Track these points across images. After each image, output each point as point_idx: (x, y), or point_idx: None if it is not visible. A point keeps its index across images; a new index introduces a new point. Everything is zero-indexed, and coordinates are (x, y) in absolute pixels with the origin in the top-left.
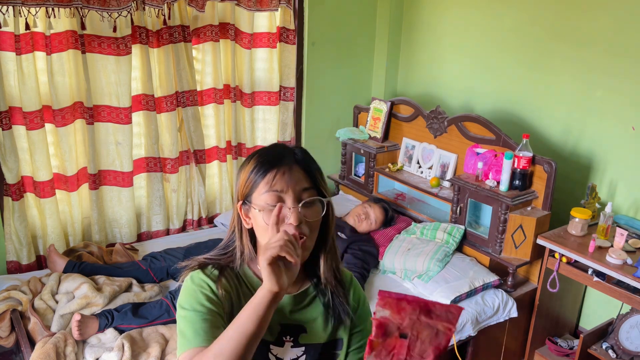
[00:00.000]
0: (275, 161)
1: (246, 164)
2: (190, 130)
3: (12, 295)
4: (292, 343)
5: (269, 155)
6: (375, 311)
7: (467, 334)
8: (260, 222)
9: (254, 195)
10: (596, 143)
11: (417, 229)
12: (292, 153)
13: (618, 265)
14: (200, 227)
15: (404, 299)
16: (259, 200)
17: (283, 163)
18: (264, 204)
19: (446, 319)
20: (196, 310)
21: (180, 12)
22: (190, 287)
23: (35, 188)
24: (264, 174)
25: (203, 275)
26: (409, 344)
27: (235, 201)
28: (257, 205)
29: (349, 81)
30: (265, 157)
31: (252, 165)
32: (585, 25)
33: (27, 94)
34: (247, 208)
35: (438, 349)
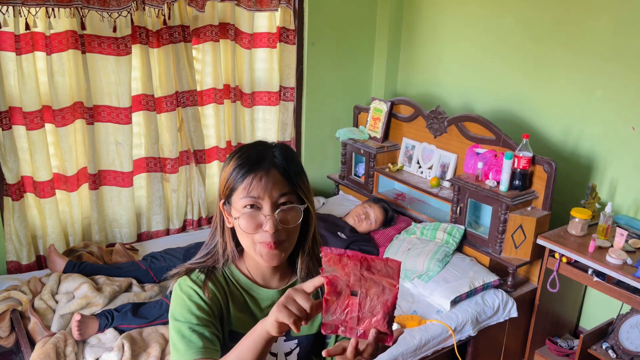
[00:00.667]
0: (253, 165)
1: (227, 162)
2: (190, 130)
3: (12, 295)
4: (285, 337)
5: (249, 158)
6: (322, 268)
7: (467, 334)
8: (238, 224)
9: (233, 197)
10: (596, 143)
11: (417, 229)
12: (271, 155)
13: (618, 265)
14: (200, 227)
15: (344, 254)
16: (237, 204)
17: (261, 167)
18: (241, 208)
19: (387, 274)
20: (186, 321)
21: (180, 12)
22: (178, 296)
23: (35, 188)
24: (242, 179)
25: (189, 282)
26: (360, 301)
27: (217, 199)
28: (236, 210)
29: (349, 81)
30: (245, 160)
31: (231, 167)
32: (586, 26)
33: (27, 94)
34: (228, 208)
35: (386, 306)
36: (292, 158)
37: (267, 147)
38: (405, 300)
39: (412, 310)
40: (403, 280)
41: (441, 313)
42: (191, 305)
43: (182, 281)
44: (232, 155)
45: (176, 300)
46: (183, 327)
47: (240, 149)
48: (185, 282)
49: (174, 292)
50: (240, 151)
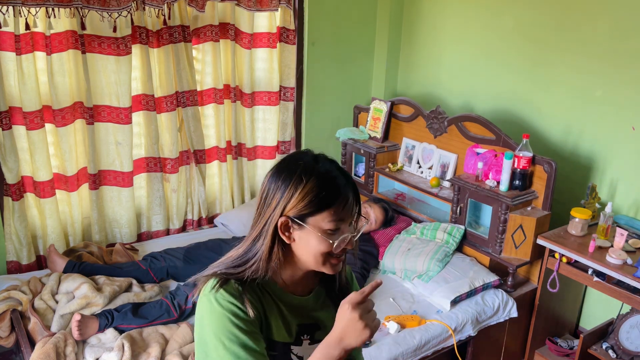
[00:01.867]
0: (339, 191)
1: (299, 181)
2: (190, 130)
3: (12, 295)
4: (310, 341)
5: (333, 182)
6: None
7: (467, 334)
8: (313, 244)
9: (314, 218)
10: (596, 143)
11: (417, 229)
12: (349, 178)
13: (618, 265)
14: (200, 227)
15: None
16: (321, 224)
17: (347, 192)
18: (324, 229)
19: None
20: (238, 341)
21: (181, 12)
22: (219, 313)
23: (35, 188)
24: (332, 203)
25: (228, 296)
26: None
27: (272, 213)
28: (317, 229)
29: (349, 81)
30: (331, 183)
31: (314, 188)
32: (585, 26)
33: (27, 94)
34: (295, 226)
35: None
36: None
37: (343, 171)
38: (405, 300)
39: (412, 310)
40: (403, 280)
41: (441, 313)
42: (239, 323)
43: (220, 296)
44: (305, 174)
45: (218, 318)
46: (235, 348)
47: (315, 171)
48: (223, 297)
49: (209, 304)
50: (316, 173)
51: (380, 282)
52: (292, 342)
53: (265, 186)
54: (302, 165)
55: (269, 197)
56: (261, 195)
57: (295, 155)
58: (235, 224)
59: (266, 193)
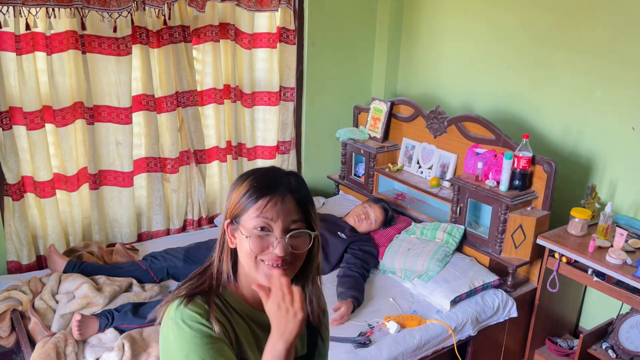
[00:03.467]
0: (269, 188)
1: (239, 183)
2: (191, 131)
3: (12, 295)
4: None
5: (264, 181)
6: None
7: (467, 334)
8: (244, 246)
9: (243, 217)
10: (596, 143)
11: (417, 229)
12: (287, 181)
13: (618, 265)
14: (201, 227)
15: None
16: (247, 223)
17: (277, 191)
18: (251, 228)
19: None
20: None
21: (181, 12)
22: (188, 335)
23: (35, 188)
24: (256, 200)
25: (195, 315)
26: None
27: (223, 219)
28: (245, 229)
29: (349, 81)
30: (260, 182)
31: (245, 188)
32: (585, 26)
33: (28, 94)
34: (234, 228)
35: None
36: (305, 187)
37: (281, 173)
38: (405, 300)
39: (412, 310)
40: (403, 280)
41: (441, 313)
42: (209, 342)
43: (186, 316)
44: (244, 177)
45: (187, 340)
46: None
47: (254, 172)
48: (190, 317)
49: (177, 330)
50: (254, 174)
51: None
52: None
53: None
54: (252, 170)
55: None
56: None
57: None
58: None
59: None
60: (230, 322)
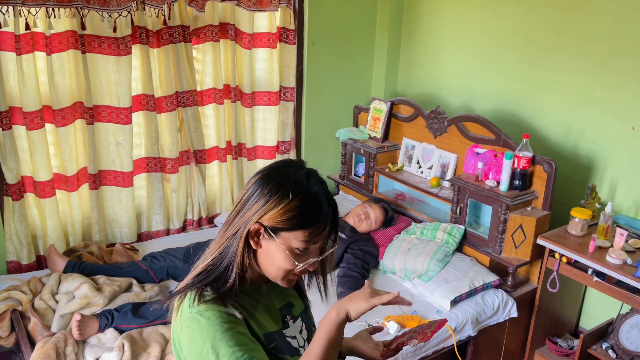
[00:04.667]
0: (322, 216)
1: (284, 196)
2: (190, 131)
3: (12, 295)
4: (292, 320)
5: (317, 206)
6: None
7: (467, 334)
8: (278, 259)
9: (285, 234)
10: (596, 143)
11: (417, 229)
12: (334, 206)
13: (618, 265)
14: (201, 227)
15: None
16: (290, 241)
17: (326, 219)
18: (294, 247)
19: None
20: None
21: (181, 12)
22: (209, 326)
23: (35, 188)
24: (308, 226)
25: (211, 306)
26: None
27: (250, 217)
28: (286, 246)
29: (349, 81)
30: (314, 207)
31: (297, 208)
32: (585, 26)
33: (27, 94)
34: (266, 236)
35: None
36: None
37: (331, 197)
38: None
39: (412, 310)
40: (403, 280)
41: (441, 313)
42: (231, 327)
43: (202, 309)
44: (288, 188)
45: (209, 331)
46: (237, 351)
47: (303, 189)
48: (207, 308)
49: (197, 325)
50: (304, 192)
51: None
52: (282, 328)
53: (250, 189)
54: (293, 181)
55: (251, 201)
56: (243, 195)
57: (289, 166)
58: None
59: (249, 196)
60: (243, 305)
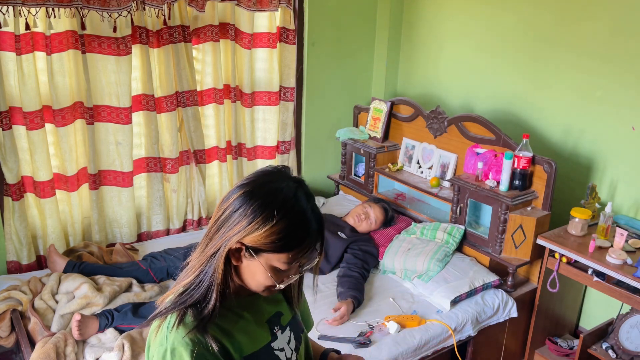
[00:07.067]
0: (307, 238)
1: (267, 218)
2: (190, 130)
3: (12, 295)
4: (281, 330)
5: (303, 227)
6: None
7: (467, 334)
8: (258, 277)
9: (268, 255)
10: (596, 143)
11: (417, 229)
12: (320, 222)
13: (618, 265)
14: (201, 227)
15: None
16: (273, 262)
17: (312, 241)
18: (275, 267)
19: None
20: None
21: (181, 12)
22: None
23: (35, 188)
24: (292, 248)
25: (188, 340)
26: None
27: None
28: (267, 265)
29: (349, 81)
30: (299, 229)
31: (282, 231)
32: (585, 26)
33: (27, 94)
34: (247, 254)
35: None
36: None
37: (320, 217)
38: (405, 300)
39: (412, 310)
40: (403, 280)
41: (441, 313)
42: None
43: (177, 344)
44: (271, 208)
45: None
46: None
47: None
48: (180, 346)
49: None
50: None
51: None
52: (270, 340)
53: (232, 204)
54: (279, 200)
55: (233, 220)
56: (224, 209)
57: (274, 180)
58: None
59: (231, 212)
60: (223, 327)
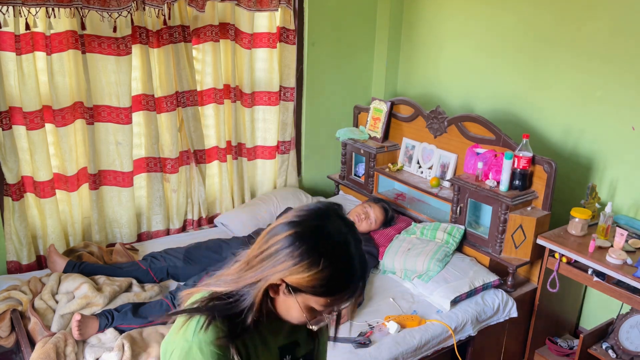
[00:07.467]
0: (350, 287)
1: (316, 264)
2: (191, 130)
3: (12, 295)
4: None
5: (348, 277)
6: None
7: (467, 334)
8: (293, 312)
9: (308, 296)
10: (596, 143)
11: (417, 229)
12: (365, 270)
13: (618, 265)
14: (201, 227)
15: None
16: (310, 302)
17: (354, 290)
18: (311, 307)
19: None
20: None
21: (181, 12)
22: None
23: (35, 188)
24: (333, 295)
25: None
26: None
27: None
28: (304, 304)
29: (349, 81)
30: (344, 278)
31: (326, 278)
32: (585, 26)
33: (27, 94)
34: (285, 291)
35: None
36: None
37: (358, 248)
38: (405, 300)
39: (412, 310)
40: (403, 280)
41: (441, 313)
42: None
43: (205, 343)
44: (327, 256)
45: None
46: None
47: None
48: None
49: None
50: (336, 256)
51: None
52: None
53: (280, 242)
54: (328, 247)
55: (279, 258)
56: (271, 244)
57: (327, 224)
58: (235, 224)
59: (278, 250)
60: (246, 343)
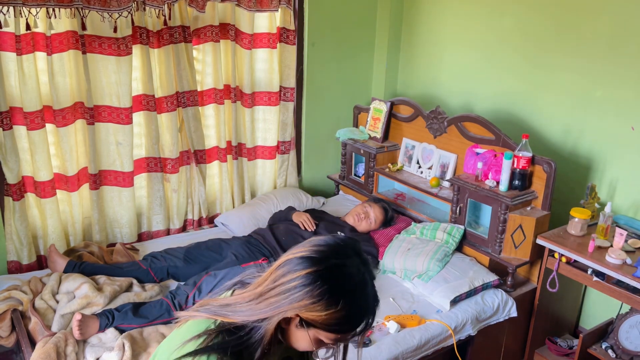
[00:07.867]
0: (362, 325)
1: (334, 304)
2: (191, 131)
3: (12, 295)
4: None
5: (363, 316)
6: None
7: (466, 334)
8: (301, 343)
9: (320, 330)
10: (596, 143)
11: (417, 229)
12: (375, 306)
13: (617, 265)
14: (201, 227)
15: None
16: (320, 336)
17: (365, 326)
18: (319, 340)
19: None
20: None
21: (181, 12)
22: None
23: (35, 188)
24: (345, 332)
25: None
26: None
27: (291, 309)
28: (314, 337)
29: (349, 81)
30: (358, 318)
31: (342, 318)
32: (585, 26)
33: (28, 94)
34: (298, 325)
35: None
36: None
37: (373, 287)
38: (405, 300)
39: (412, 310)
40: (403, 280)
41: (441, 313)
42: None
43: None
44: (345, 297)
45: None
46: None
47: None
48: None
49: None
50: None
51: None
52: None
53: (299, 278)
54: (347, 289)
55: (297, 294)
56: (289, 280)
57: (346, 264)
58: (236, 224)
59: (296, 286)
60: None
